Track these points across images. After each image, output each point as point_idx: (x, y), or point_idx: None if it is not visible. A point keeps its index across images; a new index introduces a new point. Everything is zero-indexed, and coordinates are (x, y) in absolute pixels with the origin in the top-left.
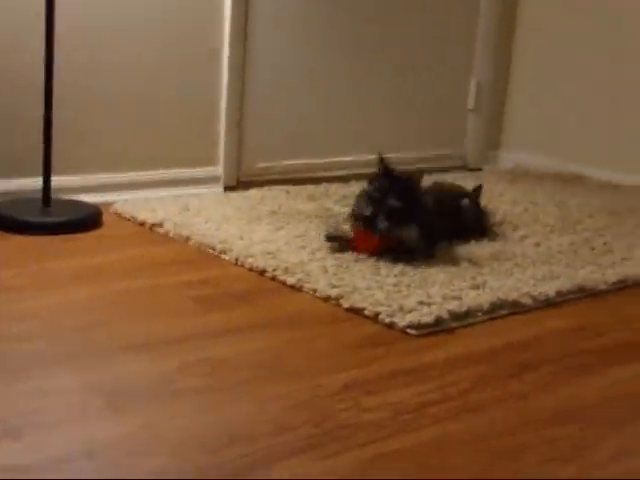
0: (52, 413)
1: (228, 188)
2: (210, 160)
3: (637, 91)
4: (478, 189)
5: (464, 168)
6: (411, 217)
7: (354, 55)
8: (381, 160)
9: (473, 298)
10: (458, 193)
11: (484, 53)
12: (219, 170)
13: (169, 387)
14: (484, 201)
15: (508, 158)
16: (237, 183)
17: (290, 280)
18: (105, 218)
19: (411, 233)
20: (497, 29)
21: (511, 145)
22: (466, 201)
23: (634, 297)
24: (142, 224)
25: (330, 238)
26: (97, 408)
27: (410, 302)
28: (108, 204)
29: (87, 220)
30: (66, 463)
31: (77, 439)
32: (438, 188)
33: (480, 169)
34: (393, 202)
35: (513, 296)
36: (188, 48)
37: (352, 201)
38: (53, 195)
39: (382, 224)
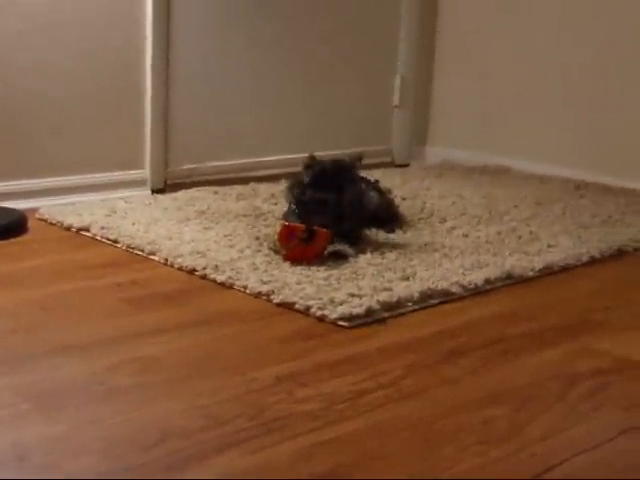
0: None
1: (155, 191)
2: (136, 163)
3: (558, 84)
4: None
5: (392, 164)
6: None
7: (279, 55)
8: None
9: (403, 288)
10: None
11: (407, 49)
12: (146, 173)
13: (99, 387)
14: (411, 195)
15: (435, 153)
16: (164, 185)
17: (220, 278)
18: (31, 224)
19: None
20: (419, 24)
21: (438, 140)
22: (368, 187)
23: (560, 282)
24: (68, 229)
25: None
26: (25, 411)
27: (341, 295)
28: (33, 210)
29: (12, 226)
30: None
31: (6, 442)
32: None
33: (407, 165)
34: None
35: (443, 285)
36: (111, 49)
37: (281, 200)
38: None
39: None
